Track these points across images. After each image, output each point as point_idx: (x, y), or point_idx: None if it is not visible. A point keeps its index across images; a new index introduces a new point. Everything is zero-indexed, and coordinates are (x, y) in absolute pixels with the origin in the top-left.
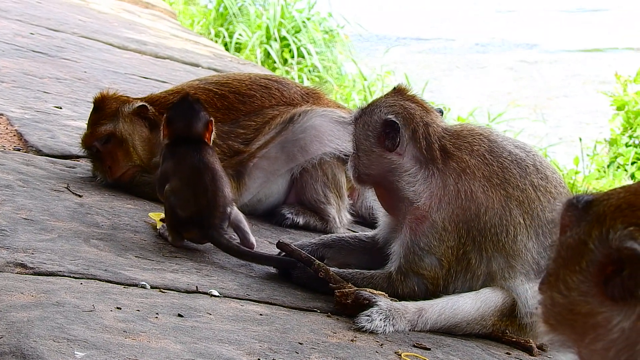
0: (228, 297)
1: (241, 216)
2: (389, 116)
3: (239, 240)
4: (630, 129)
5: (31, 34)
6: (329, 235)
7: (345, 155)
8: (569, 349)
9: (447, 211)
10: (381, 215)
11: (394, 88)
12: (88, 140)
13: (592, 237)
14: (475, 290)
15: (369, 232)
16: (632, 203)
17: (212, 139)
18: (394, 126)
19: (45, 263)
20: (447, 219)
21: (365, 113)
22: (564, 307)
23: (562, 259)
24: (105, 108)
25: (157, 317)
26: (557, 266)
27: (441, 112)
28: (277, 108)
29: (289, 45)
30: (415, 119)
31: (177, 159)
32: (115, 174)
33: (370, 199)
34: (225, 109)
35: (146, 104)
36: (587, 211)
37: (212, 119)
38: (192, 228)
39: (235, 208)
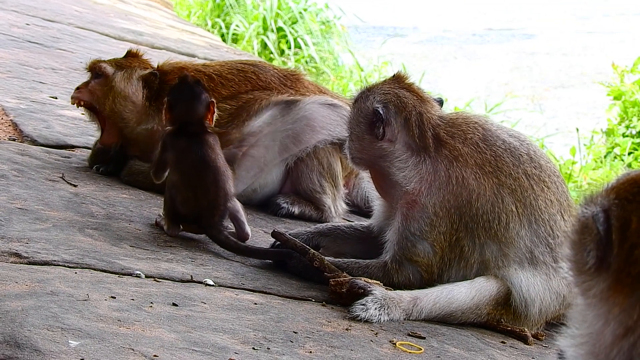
0: (223, 286)
1: (239, 206)
2: (377, 105)
3: (234, 230)
4: (627, 119)
5: (27, 24)
6: (325, 224)
7: (339, 140)
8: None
9: (438, 196)
10: (376, 203)
11: (393, 75)
12: (94, 61)
13: (591, 202)
14: (469, 279)
15: (365, 222)
16: (638, 180)
17: (213, 120)
18: (380, 116)
19: (39, 252)
20: (438, 204)
21: (361, 98)
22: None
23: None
24: (127, 59)
25: (151, 306)
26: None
27: (441, 102)
28: (252, 92)
29: (286, 36)
30: (407, 107)
31: (179, 152)
32: (77, 97)
33: (366, 188)
34: (210, 91)
35: (157, 72)
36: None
37: (213, 100)
38: (191, 223)
39: (235, 200)
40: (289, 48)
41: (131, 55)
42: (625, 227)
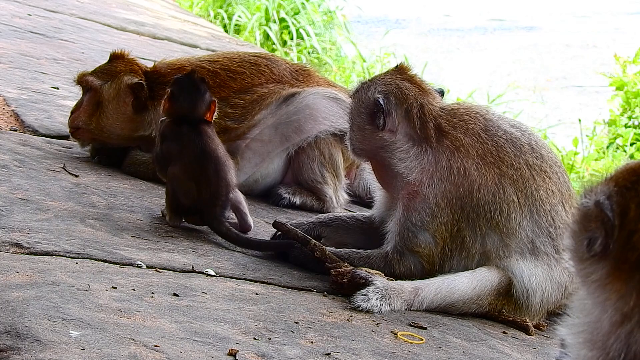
0: (224, 276)
1: (241, 197)
2: (378, 95)
3: (237, 221)
4: (630, 109)
5: (29, 15)
6: (326, 214)
7: (340, 132)
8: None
9: (439, 187)
10: (378, 194)
11: (396, 66)
12: (80, 75)
13: (590, 191)
14: (470, 269)
15: (366, 212)
16: (636, 169)
17: (213, 118)
18: (381, 106)
19: (40, 243)
20: (440, 194)
21: (362, 89)
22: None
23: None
24: (112, 64)
25: (152, 297)
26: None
27: (442, 92)
28: (267, 86)
29: (288, 27)
30: (408, 99)
31: (180, 143)
32: (72, 121)
33: (367, 179)
34: (217, 87)
35: (144, 83)
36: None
37: (215, 99)
38: (193, 215)
39: (237, 191)
40: (292, 39)
41: (115, 57)
42: (623, 214)
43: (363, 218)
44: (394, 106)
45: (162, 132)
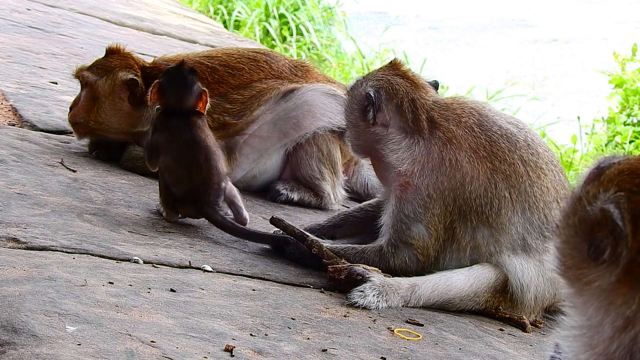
0: (221, 272)
1: (235, 191)
2: (369, 89)
3: (232, 216)
4: (628, 107)
5: (28, 9)
6: (336, 214)
7: (339, 128)
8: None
9: (431, 178)
10: (381, 190)
11: (390, 62)
12: (79, 70)
13: (589, 195)
14: (464, 264)
15: (372, 200)
16: (635, 170)
17: (206, 109)
18: (371, 100)
19: (37, 238)
20: (431, 186)
21: (355, 86)
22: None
23: (564, 210)
24: (107, 59)
25: (149, 292)
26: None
27: (436, 85)
28: (266, 81)
29: (287, 23)
30: (399, 93)
31: (169, 134)
32: (72, 117)
33: (365, 175)
34: (215, 82)
35: (138, 80)
36: (603, 171)
37: (205, 89)
38: (187, 205)
39: (229, 183)
40: (291, 35)
41: (111, 52)
42: (634, 220)
43: (370, 207)
44: (385, 101)
45: (154, 122)
